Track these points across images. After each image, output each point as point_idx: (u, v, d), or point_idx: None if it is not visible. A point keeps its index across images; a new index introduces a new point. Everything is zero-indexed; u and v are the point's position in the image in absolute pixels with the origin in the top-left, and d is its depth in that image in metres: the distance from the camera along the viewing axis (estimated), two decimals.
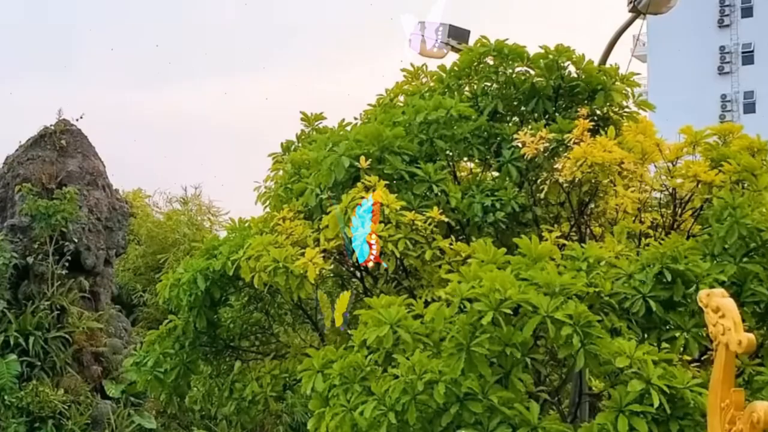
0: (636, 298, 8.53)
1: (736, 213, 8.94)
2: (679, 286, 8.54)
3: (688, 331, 8.51)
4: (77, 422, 16.13)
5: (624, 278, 8.66)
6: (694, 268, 8.59)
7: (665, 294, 8.57)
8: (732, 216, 8.94)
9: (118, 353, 17.97)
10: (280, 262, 9.69)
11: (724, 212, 9.05)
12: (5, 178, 18.35)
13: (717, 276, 8.62)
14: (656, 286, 8.54)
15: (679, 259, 8.60)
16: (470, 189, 10.17)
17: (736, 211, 8.95)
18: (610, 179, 9.52)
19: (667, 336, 8.60)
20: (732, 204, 9.01)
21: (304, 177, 10.77)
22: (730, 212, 8.98)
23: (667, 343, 8.57)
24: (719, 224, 9.05)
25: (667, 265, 8.55)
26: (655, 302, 8.52)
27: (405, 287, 10.33)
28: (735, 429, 5.65)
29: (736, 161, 9.61)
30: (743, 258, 8.88)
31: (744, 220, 8.86)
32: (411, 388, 7.88)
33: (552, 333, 7.73)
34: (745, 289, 8.79)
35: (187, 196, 26.09)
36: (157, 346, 11.66)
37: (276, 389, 11.05)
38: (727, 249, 8.93)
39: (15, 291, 17.34)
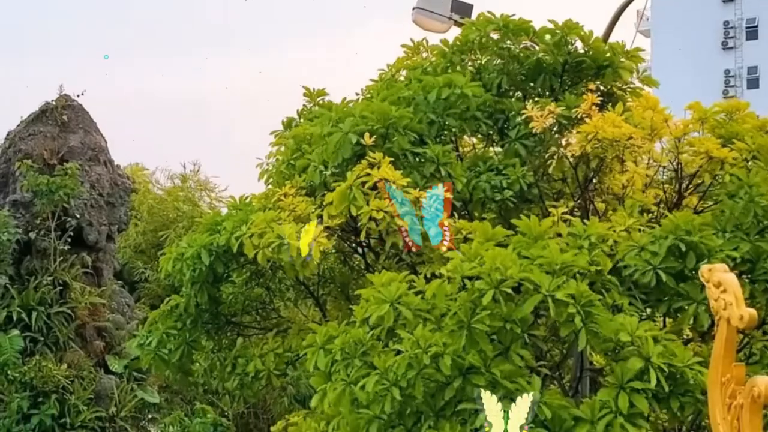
0: (647, 270, 8.55)
1: (751, 191, 8.95)
2: (692, 257, 8.55)
3: (699, 303, 8.52)
4: (80, 397, 16.20)
5: (636, 250, 8.67)
6: (708, 242, 8.60)
7: (676, 265, 8.60)
8: (748, 194, 8.95)
9: (120, 329, 18.03)
10: (285, 239, 9.69)
11: (740, 190, 9.06)
12: (7, 154, 18.33)
13: (730, 252, 8.64)
14: (668, 257, 8.55)
15: (693, 233, 8.61)
16: (476, 166, 10.16)
17: (752, 189, 8.97)
18: (617, 155, 9.51)
19: (677, 305, 8.63)
20: (747, 182, 9.02)
21: (307, 153, 10.74)
22: (746, 190, 8.99)
23: (677, 314, 8.60)
24: (733, 201, 9.05)
25: (681, 238, 8.56)
26: (666, 274, 8.54)
27: (407, 263, 10.34)
28: (735, 403, 5.68)
29: (751, 140, 9.61)
30: (756, 236, 8.90)
31: (759, 198, 8.87)
32: (417, 363, 7.90)
33: (553, 312, 7.76)
34: (758, 267, 8.82)
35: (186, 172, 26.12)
36: (160, 325, 11.69)
37: (279, 366, 11.09)
38: (740, 226, 8.94)
39: (17, 266, 17.37)
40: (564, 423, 7.87)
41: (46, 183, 17.12)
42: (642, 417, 7.89)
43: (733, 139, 9.76)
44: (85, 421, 16.08)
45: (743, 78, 54.45)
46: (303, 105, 12.31)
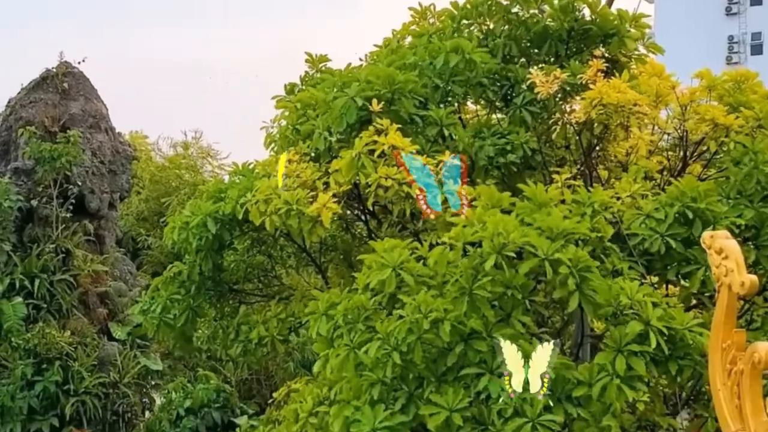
0: (654, 238, 8.57)
1: (756, 158, 8.97)
2: (698, 224, 8.58)
3: (708, 267, 8.56)
4: (84, 363, 16.29)
5: (641, 218, 8.69)
6: (714, 209, 8.62)
7: (683, 232, 8.62)
8: (753, 160, 8.96)
9: (123, 296, 18.09)
10: (293, 205, 9.68)
11: (744, 157, 9.08)
12: (8, 121, 18.27)
13: (735, 219, 8.67)
14: (674, 224, 8.58)
15: (699, 200, 8.63)
16: (481, 132, 10.15)
17: (756, 156, 8.98)
18: (621, 122, 9.50)
19: (685, 270, 8.66)
20: (753, 149, 9.03)
21: (311, 119, 10.70)
22: (751, 157, 9.01)
23: (686, 279, 8.64)
24: (738, 168, 9.06)
25: (687, 205, 8.58)
26: (674, 240, 8.57)
27: (410, 231, 10.35)
28: (736, 369, 5.70)
29: (759, 107, 9.61)
30: (760, 202, 8.92)
31: (764, 166, 8.88)
32: (417, 328, 7.94)
33: (550, 274, 7.78)
34: (762, 233, 8.86)
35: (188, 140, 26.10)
36: (163, 292, 11.74)
37: (282, 332, 11.14)
38: (744, 193, 8.96)
39: (20, 234, 17.39)
40: (566, 385, 7.92)
41: (47, 150, 17.09)
42: (640, 380, 7.94)
43: (740, 108, 9.76)
44: (88, 388, 16.18)
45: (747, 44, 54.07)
46: (305, 71, 12.25)
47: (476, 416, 7.96)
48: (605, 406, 7.83)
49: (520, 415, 7.69)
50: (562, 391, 7.93)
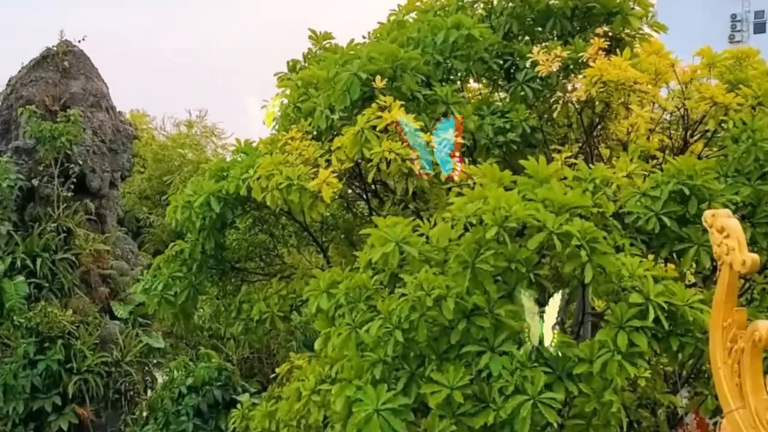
0: (649, 216, 8.58)
1: (754, 135, 8.96)
2: (693, 202, 8.58)
3: (701, 245, 8.57)
4: (86, 342, 16.32)
5: (637, 196, 8.69)
6: (710, 186, 8.62)
7: (678, 210, 8.63)
8: (750, 138, 8.96)
9: (125, 275, 18.10)
10: (294, 181, 9.69)
11: (743, 135, 9.07)
12: (9, 100, 18.22)
13: (731, 196, 8.67)
14: (669, 202, 8.58)
15: (695, 177, 8.62)
16: (481, 110, 10.13)
17: (755, 133, 8.97)
18: (622, 100, 9.48)
19: (678, 248, 8.68)
20: (751, 126, 9.02)
21: (313, 96, 10.69)
22: (749, 134, 9.01)
23: (680, 257, 8.65)
24: (736, 145, 9.05)
25: (683, 182, 8.58)
26: (668, 218, 8.57)
27: (411, 209, 10.35)
28: (736, 347, 5.71)
29: (757, 85, 9.58)
30: (758, 180, 8.91)
31: (762, 143, 8.87)
32: (420, 305, 7.95)
33: (559, 247, 7.76)
34: (758, 211, 8.87)
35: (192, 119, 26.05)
36: (165, 270, 11.77)
37: (283, 309, 11.18)
38: (741, 170, 8.96)
39: (21, 213, 17.37)
40: (567, 362, 7.94)
41: (48, 129, 17.04)
42: (641, 357, 7.97)
43: (740, 85, 9.74)
44: (91, 366, 16.22)
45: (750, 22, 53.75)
46: (308, 48, 12.21)
47: (477, 394, 7.99)
48: (606, 382, 7.86)
49: (520, 393, 7.72)
50: (563, 369, 7.95)
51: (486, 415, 7.84)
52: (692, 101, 9.79)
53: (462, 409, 7.93)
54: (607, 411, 7.91)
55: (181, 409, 15.05)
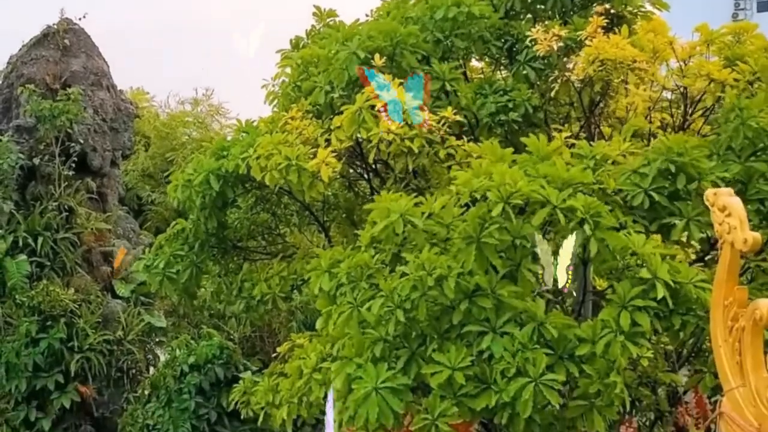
0: (637, 193, 8.58)
1: (742, 114, 8.92)
2: (682, 178, 8.59)
3: (690, 219, 8.58)
4: (88, 321, 16.35)
5: (627, 174, 8.69)
6: (699, 164, 8.61)
7: (668, 186, 8.62)
8: (739, 117, 8.92)
9: (127, 254, 18.11)
10: (293, 161, 9.68)
11: (731, 113, 9.04)
12: (9, 78, 18.15)
13: (721, 174, 8.65)
14: (658, 178, 8.58)
15: (685, 155, 8.61)
16: (482, 88, 10.10)
17: (743, 112, 8.94)
18: (622, 78, 9.45)
19: (667, 221, 8.68)
20: (739, 105, 8.98)
21: (313, 75, 10.66)
22: (737, 113, 8.97)
23: (668, 230, 8.64)
24: (726, 125, 9.04)
25: (671, 159, 8.57)
26: (658, 194, 8.57)
27: (413, 188, 10.35)
28: (737, 326, 5.71)
29: (753, 61, 9.53)
30: (750, 157, 8.89)
31: (750, 121, 8.84)
32: (421, 285, 7.95)
33: (563, 222, 7.75)
34: (749, 188, 8.85)
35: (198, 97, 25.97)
36: (167, 248, 11.79)
37: (284, 289, 11.20)
38: (733, 148, 8.94)
39: (22, 192, 17.36)
40: (568, 343, 7.94)
41: (49, 108, 16.99)
42: (643, 336, 7.97)
43: (737, 61, 9.70)
44: (93, 345, 16.26)
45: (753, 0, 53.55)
46: (312, 26, 12.15)
47: (478, 375, 7.99)
48: (610, 362, 7.86)
49: (522, 375, 7.72)
50: (564, 350, 7.96)
51: (488, 397, 7.86)
52: (689, 78, 9.75)
53: (463, 390, 7.94)
54: (611, 392, 7.92)
55: (183, 387, 15.12)
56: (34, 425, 16.07)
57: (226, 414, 14.92)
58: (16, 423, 15.99)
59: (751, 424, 5.36)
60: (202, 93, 26.14)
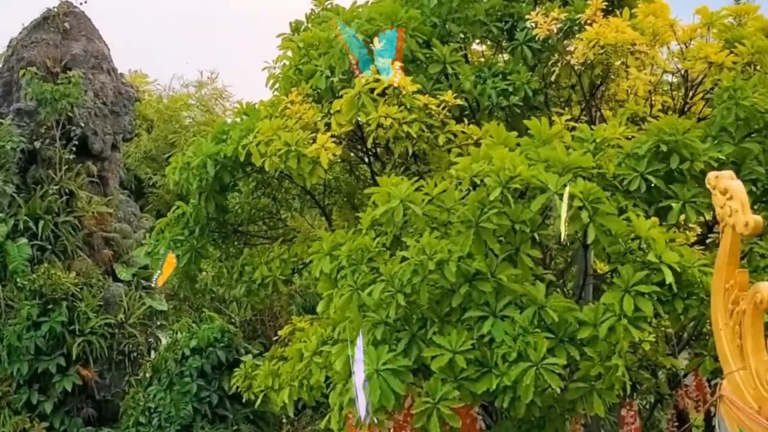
0: (634, 177, 8.57)
1: (735, 94, 8.91)
2: (675, 159, 8.59)
3: (687, 202, 8.58)
4: (90, 304, 16.37)
5: (622, 158, 8.69)
6: (692, 144, 8.60)
7: (662, 167, 8.61)
8: (732, 98, 8.91)
9: (128, 238, 18.11)
10: (292, 146, 9.66)
11: (724, 94, 9.04)
12: (10, 62, 18.10)
13: (714, 154, 8.65)
14: (653, 161, 8.58)
15: (677, 134, 8.61)
16: (482, 72, 10.06)
17: (736, 92, 8.93)
18: (622, 61, 9.42)
19: (664, 204, 8.68)
20: (732, 86, 8.97)
21: (314, 59, 10.62)
22: (730, 94, 8.96)
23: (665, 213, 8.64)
24: (720, 106, 9.04)
25: (663, 139, 8.56)
26: (654, 177, 8.56)
27: (414, 172, 10.33)
28: (738, 309, 5.71)
29: (750, 43, 9.49)
30: (744, 138, 8.89)
31: (744, 101, 8.82)
32: (422, 269, 7.94)
33: (560, 209, 7.73)
34: (743, 169, 8.83)
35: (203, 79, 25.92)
36: (167, 233, 11.79)
37: (285, 272, 11.21)
38: (727, 129, 8.93)
39: (23, 175, 17.35)
40: (569, 327, 7.94)
41: (49, 91, 16.96)
42: (645, 320, 7.97)
43: (736, 44, 9.68)
44: (94, 328, 16.28)
45: None
46: (311, 9, 12.11)
47: (479, 359, 8.00)
48: (612, 346, 7.87)
49: (523, 359, 7.72)
50: (565, 333, 7.96)
51: (489, 380, 7.86)
52: (690, 61, 9.72)
53: (464, 373, 7.95)
54: (612, 375, 7.93)
55: (184, 370, 15.16)
56: (36, 408, 16.13)
57: (227, 397, 14.97)
58: (18, 406, 16.05)
59: (751, 406, 5.38)
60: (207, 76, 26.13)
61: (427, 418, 8.11)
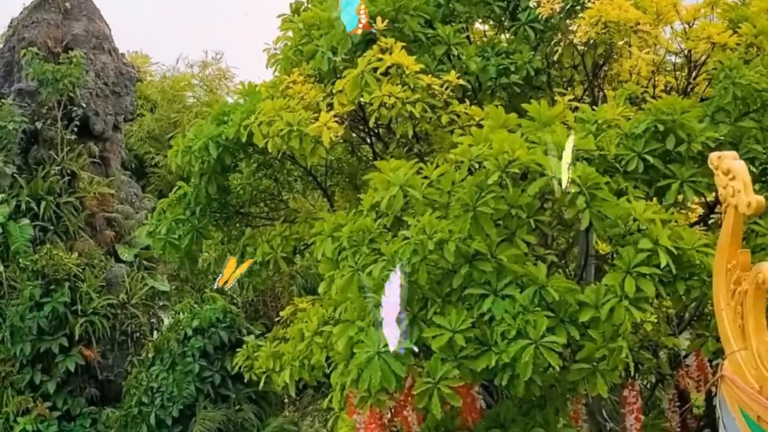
0: (631, 157, 8.55)
1: (732, 74, 8.86)
2: (671, 139, 8.56)
3: (684, 182, 8.56)
4: (92, 285, 16.41)
5: (621, 138, 8.66)
6: (688, 124, 8.56)
7: (659, 147, 8.59)
8: (728, 77, 8.87)
9: (129, 218, 18.13)
10: (294, 126, 9.63)
11: (721, 73, 9.00)
12: (11, 42, 18.07)
13: (711, 134, 8.62)
14: (650, 141, 8.55)
15: (674, 114, 8.57)
16: (485, 51, 10.01)
17: (732, 71, 8.88)
18: (625, 40, 9.36)
19: (662, 184, 8.65)
20: (729, 65, 8.92)
21: (315, 39, 10.57)
22: (726, 73, 8.91)
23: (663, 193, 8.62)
24: (718, 85, 9.00)
25: (659, 119, 8.53)
26: (652, 157, 8.53)
27: (416, 152, 10.31)
28: (740, 289, 5.69)
29: (752, 23, 9.43)
30: (742, 117, 8.86)
31: (740, 80, 8.78)
32: (421, 249, 7.93)
33: (559, 193, 7.72)
34: (740, 148, 8.80)
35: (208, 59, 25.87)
36: (169, 214, 11.77)
37: (286, 250, 11.20)
38: (724, 109, 8.90)
39: (25, 156, 17.35)
40: (569, 307, 7.94)
41: (50, 71, 16.93)
42: (647, 301, 7.96)
43: (740, 24, 9.61)
44: (97, 308, 16.34)
45: None
46: None
47: (479, 337, 8.00)
48: (614, 327, 7.86)
49: (523, 337, 7.72)
50: (565, 314, 7.96)
51: (488, 358, 7.87)
52: (693, 41, 9.66)
53: (464, 352, 7.95)
54: (616, 356, 7.93)
55: (186, 351, 15.21)
56: (38, 388, 16.21)
57: (229, 377, 15.03)
58: (21, 386, 16.13)
59: (752, 386, 5.37)
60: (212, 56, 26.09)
61: (428, 398, 8.12)
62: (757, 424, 5.30)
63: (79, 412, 16.36)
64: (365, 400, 8.55)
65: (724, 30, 9.50)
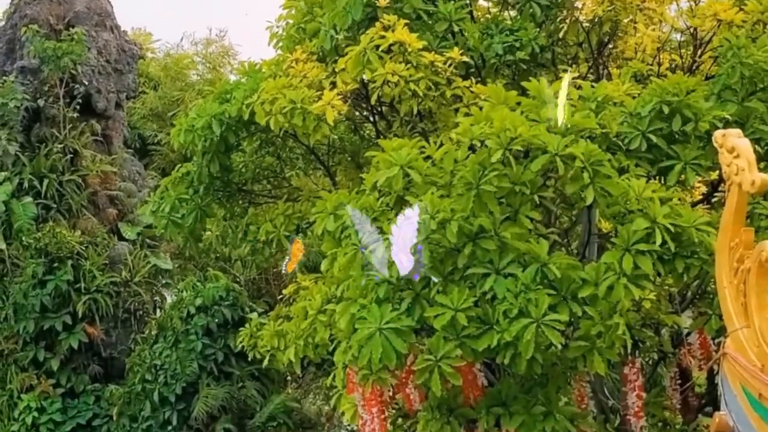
0: (635, 135, 8.52)
1: (739, 53, 8.81)
2: (677, 119, 8.52)
3: (687, 163, 8.54)
4: (95, 262, 16.43)
5: (626, 116, 8.63)
6: (694, 103, 8.52)
7: (665, 126, 8.56)
8: (735, 56, 8.81)
9: (132, 197, 18.12)
10: (298, 104, 9.61)
11: (728, 52, 8.94)
12: (12, 19, 17.98)
13: (718, 113, 8.58)
14: (655, 120, 8.51)
15: (680, 94, 8.53)
16: (489, 28, 9.97)
17: (740, 51, 8.83)
18: (631, 18, 9.31)
19: (664, 165, 8.63)
20: (736, 44, 8.87)
21: (318, 16, 10.53)
22: (734, 52, 8.86)
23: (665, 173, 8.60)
24: (725, 64, 8.95)
25: (666, 100, 8.49)
26: (656, 136, 8.50)
27: (419, 130, 10.29)
28: (743, 267, 5.68)
29: (758, 0, 9.37)
30: (749, 97, 8.81)
31: (748, 60, 8.73)
32: (424, 228, 7.92)
33: (562, 170, 7.70)
34: (747, 128, 8.76)
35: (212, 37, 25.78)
36: (172, 192, 11.78)
37: (289, 229, 11.22)
38: (731, 88, 8.85)
39: (27, 134, 17.32)
40: (572, 284, 7.94)
41: (52, 49, 16.86)
42: (647, 279, 7.96)
43: (747, 0, 9.56)
44: (100, 286, 16.37)
45: None
46: None
47: (481, 316, 8.01)
48: (612, 304, 7.87)
49: (525, 316, 7.72)
50: (568, 291, 7.96)
51: (490, 337, 7.88)
52: (699, 19, 9.61)
53: (466, 331, 7.96)
54: (612, 333, 7.94)
55: (189, 329, 15.25)
56: (42, 365, 16.28)
57: (233, 354, 15.08)
58: (25, 363, 16.20)
59: (755, 364, 5.38)
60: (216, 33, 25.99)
61: (428, 374, 8.14)
62: (758, 402, 5.31)
63: (82, 389, 16.43)
64: (367, 378, 8.58)
65: (730, 7, 9.44)
